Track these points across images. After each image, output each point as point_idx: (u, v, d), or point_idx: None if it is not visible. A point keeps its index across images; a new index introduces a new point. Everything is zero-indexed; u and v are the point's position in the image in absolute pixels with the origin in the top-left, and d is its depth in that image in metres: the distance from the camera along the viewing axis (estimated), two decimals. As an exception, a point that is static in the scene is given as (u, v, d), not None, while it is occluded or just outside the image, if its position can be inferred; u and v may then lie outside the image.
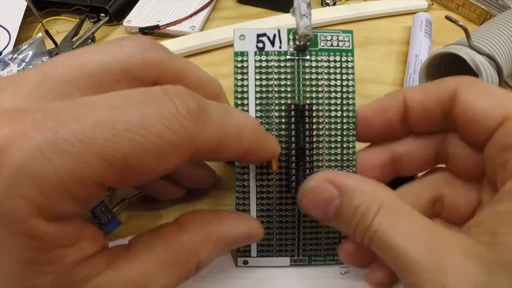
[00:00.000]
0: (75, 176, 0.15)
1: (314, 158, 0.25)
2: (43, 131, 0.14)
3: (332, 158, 0.25)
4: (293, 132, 0.24)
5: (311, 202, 0.21)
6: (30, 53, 0.42)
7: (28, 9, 0.45)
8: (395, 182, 0.28)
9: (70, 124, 0.15)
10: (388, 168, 0.25)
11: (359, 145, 0.26)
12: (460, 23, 0.34)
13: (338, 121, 0.25)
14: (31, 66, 0.41)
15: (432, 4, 0.50)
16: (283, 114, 0.25)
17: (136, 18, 0.47)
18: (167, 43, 0.43)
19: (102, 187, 0.16)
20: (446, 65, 0.37)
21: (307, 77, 0.25)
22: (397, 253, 0.17)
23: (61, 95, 0.19)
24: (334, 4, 0.50)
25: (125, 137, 0.15)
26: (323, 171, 0.23)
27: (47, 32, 0.42)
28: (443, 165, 0.25)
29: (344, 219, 0.20)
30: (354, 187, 0.20)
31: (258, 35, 0.25)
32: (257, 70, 0.25)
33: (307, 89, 0.25)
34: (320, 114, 0.25)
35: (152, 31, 0.45)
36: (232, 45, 0.43)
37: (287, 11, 0.47)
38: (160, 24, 0.45)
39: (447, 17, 0.37)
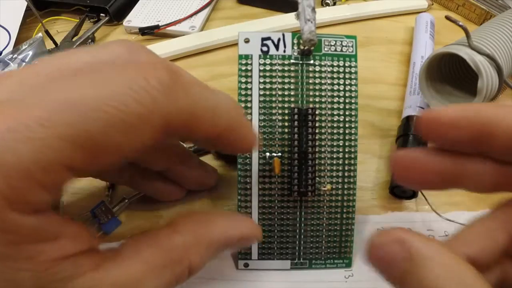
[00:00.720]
0: (40, 163, 0.14)
1: (316, 162, 0.25)
2: (6, 120, 0.14)
3: (334, 163, 0.26)
4: (296, 136, 0.24)
5: (376, 258, 0.18)
6: (30, 53, 0.41)
7: (28, 9, 0.45)
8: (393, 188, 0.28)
9: (31, 110, 0.14)
10: (448, 179, 0.21)
11: (361, 150, 0.26)
12: (460, 23, 0.34)
13: (341, 125, 0.25)
14: (31, 66, 0.40)
15: (432, 4, 0.50)
16: (286, 117, 0.25)
17: (136, 18, 0.47)
18: (167, 43, 0.43)
19: (72, 170, 0.15)
20: (446, 65, 0.37)
21: (310, 81, 0.25)
22: None
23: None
24: (334, 4, 0.50)
25: (89, 115, 0.15)
26: (395, 229, 0.19)
27: (47, 32, 0.42)
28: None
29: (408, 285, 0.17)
30: (427, 255, 0.17)
31: (263, 39, 0.25)
32: (261, 74, 0.25)
33: (311, 93, 0.25)
34: (323, 118, 0.25)
35: (152, 31, 0.45)
36: (232, 45, 0.44)
37: (287, 12, 0.47)
38: (160, 24, 0.45)
39: (447, 17, 0.37)
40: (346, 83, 0.25)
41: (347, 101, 0.25)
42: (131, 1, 0.49)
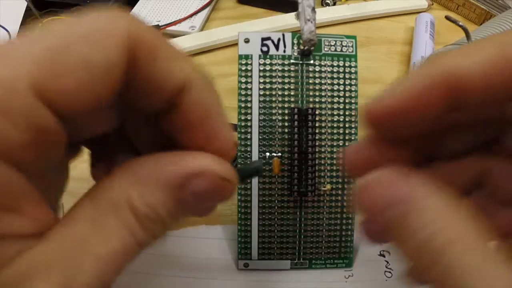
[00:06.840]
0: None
1: (316, 162, 0.25)
2: None
3: (334, 163, 0.25)
4: (296, 136, 0.24)
5: (369, 197, 0.15)
6: (30, 53, 0.41)
7: (28, 9, 0.45)
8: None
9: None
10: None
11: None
12: (460, 23, 0.35)
13: (341, 125, 0.25)
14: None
15: (432, 4, 0.50)
16: (286, 118, 0.25)
17: (136, 18, 0.47)
18: (167, 43, 0.43)
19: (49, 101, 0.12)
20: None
21: (310, 81, 0.25)
22: None
23: None
24: (334, 4, 0.50)
25: None
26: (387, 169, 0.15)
27: (47, 32, 0.42)
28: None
29: (402, 233, 0.14)
30: (426, 203, 0.14)
31: (263, 39, 0.25)
32: (261, 74, 0.25)
33: (311, 93, 0.25)
34: (323, 118, 0.25)
35: (152, 31, 0.45)
36: (232, 45, 0.44)
37: (286, 12, 0.47)
38: (160, 24, 0.45)
39: (447, 17, 0.37)
40: (346, 83, 0.25)
41: (347, 101, 0.25)
42: (131, 1, 0.49)
